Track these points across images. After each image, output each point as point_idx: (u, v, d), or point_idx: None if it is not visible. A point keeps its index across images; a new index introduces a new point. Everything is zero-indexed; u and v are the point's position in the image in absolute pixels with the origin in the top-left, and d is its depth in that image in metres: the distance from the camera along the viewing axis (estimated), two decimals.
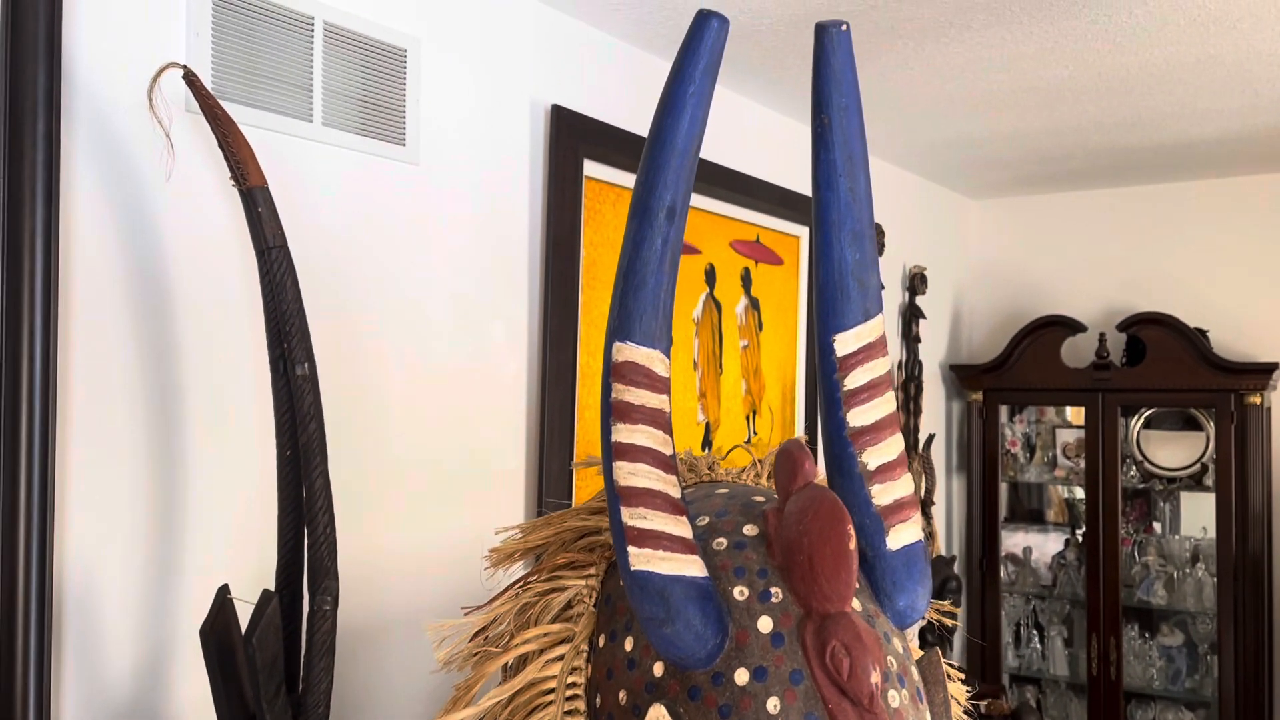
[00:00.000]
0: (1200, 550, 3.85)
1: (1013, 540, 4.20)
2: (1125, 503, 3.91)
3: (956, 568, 4.07)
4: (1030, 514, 4.31)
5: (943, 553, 4.11)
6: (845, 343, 0.80)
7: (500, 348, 2.15)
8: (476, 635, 0.92)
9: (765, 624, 0.74)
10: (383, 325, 1.87)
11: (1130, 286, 4.07)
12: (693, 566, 0.73)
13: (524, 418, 2.20)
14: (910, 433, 3.77)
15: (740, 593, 0.76)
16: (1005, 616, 4.13)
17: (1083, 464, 3.91)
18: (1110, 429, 3.83)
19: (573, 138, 2.24)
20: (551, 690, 0.83)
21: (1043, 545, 4.19)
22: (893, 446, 0.80)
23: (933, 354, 4.12)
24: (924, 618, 0.82)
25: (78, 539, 1.42)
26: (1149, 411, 3.93)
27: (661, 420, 0.76)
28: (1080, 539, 4.02)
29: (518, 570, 0.98)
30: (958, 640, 4.11)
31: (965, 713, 1.02)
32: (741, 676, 0.72)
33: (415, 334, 1.94)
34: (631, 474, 0.74)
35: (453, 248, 2.02)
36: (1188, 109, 2.98)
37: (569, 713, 0.83)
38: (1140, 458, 3.92)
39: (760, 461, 1.02)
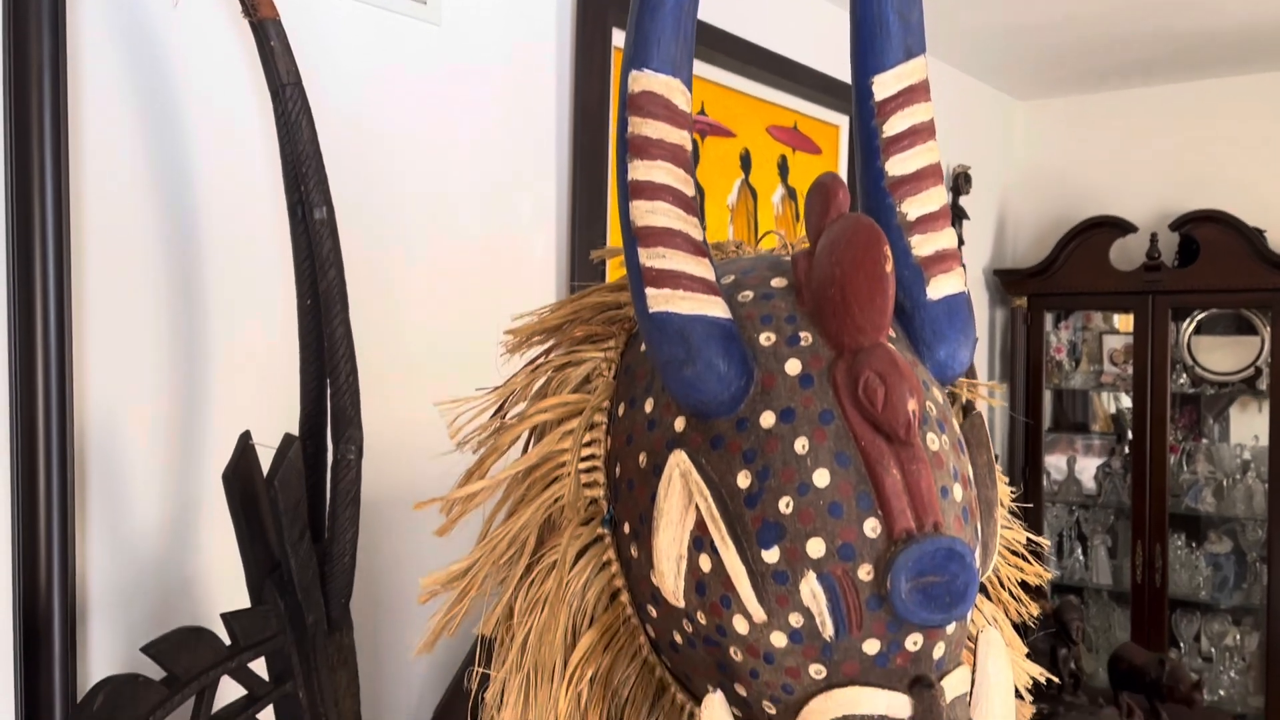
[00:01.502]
0: (1252, 458, 3.74)
1: (1056, 450, 4.11)
2: (1174, 409, 3.80)
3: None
4: (1075, 425, 4.22)
5: None
6: (884, 85, 0.74)
7: (528, 225, 2.09)
8: (494, 416, 0.88)
9: (793, 366, 0.69)
10: (403, 194, 1.82)
11: (1184, 186, 3.91)
12: (715, 307, 0.68)
13: (553, 297, 2.15)
14: None
15: (767, 338, 0.70)
16: (1048, 527, 4.06)
17: (1130, 370, 3.80)
18: (1160, 332, 3.70)
19: (601, 5, 2.15)
20: (567, 463, 0.79)
21: (1087, 455, 4.10)
22: (935, 197, 0.74)
23: (976, 259, 4.01)
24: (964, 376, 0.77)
25: (98, 390, 1.40)
26: (1201, 315, 3.80)
27: (682, 157, 0.70)
28: (1126, 449, 3.93)
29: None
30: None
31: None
32: (767, 419, 0.67)
33: (438, 204, 1.88)
34: (650, 212, 0.69)
35: (476, 117, 1.96)
36: None
37: (588, 485, 0.79)
38: (1191, 362, 3.81)
39: (791, 245, 0.96)
